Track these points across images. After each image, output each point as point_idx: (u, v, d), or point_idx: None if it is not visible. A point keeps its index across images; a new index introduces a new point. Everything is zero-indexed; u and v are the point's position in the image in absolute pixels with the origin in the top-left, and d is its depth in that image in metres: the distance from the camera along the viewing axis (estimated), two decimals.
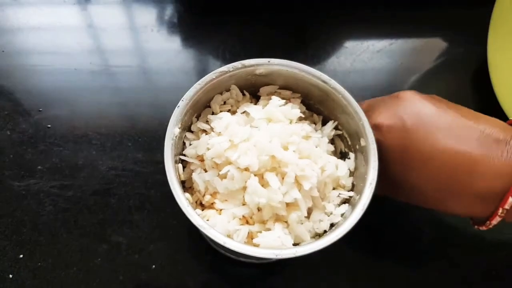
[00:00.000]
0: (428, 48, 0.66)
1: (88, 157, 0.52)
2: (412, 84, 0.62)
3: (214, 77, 0.39)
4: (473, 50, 0.64)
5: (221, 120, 0.39)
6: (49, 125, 0.54)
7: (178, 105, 0.37)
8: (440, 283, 0.49)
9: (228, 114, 0.40)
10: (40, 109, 0.55)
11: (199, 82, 0.38)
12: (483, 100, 0.61)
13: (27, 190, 0.50)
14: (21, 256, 0.47)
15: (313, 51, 0.63)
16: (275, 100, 0.40)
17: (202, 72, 0.39)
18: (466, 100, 0.61)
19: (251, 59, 0.39)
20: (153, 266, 0.47)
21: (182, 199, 0.34)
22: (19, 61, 0.59)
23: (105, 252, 0.47)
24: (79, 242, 0.48)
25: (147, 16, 0.64)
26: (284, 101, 0.41)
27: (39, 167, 0.51)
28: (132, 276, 0.47)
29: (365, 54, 0.63)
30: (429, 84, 0.63)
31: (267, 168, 0.36)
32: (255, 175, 0.36)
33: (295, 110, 0.40)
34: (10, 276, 0.46)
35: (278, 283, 0.48)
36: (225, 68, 0.39)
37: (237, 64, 0.39)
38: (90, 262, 0.47)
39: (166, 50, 0.61)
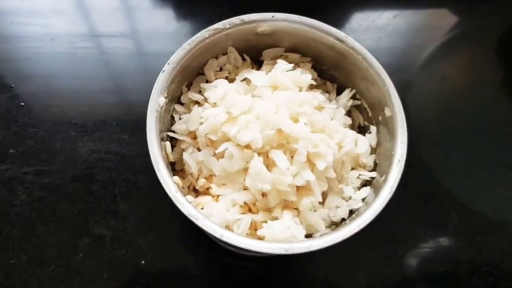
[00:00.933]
0: (445, 16, 0.60)
1: (66, 139, 0.46)
2: (431, 54, 0.56)
3: (207, 35, 0.32)
4: (493, 18, 0.58)
5: (217, 89, 0.33)
6: (22, 103, 0.48)
7: (163, 69, 0.31)
8: (466, 276, 0.44)
9: (225, 81, 0.34)
10: (12, 85, 0.49)
11: (189, 41, 0.32)
12: (510, 68, 0.55)
13: None
14: None
15: (322, 17, 0.55)
16: (282, 64, 0.34)
17: None
18: (492, 68, 0.56)
19: (251, 14, 0.33)
20: (142, 261, 0.42)
21: (170, 184, 0.28)
22: None
23: (87, 246, 0.42)
24: (57, 236, 0.42)
25: None
26: (292, 65, 0.34)
27: (11, 150, 0.46)
28: (118, 273, 0.41)
29: (380, 20, 0.56)
30: (449, 53, 0.57)
31: (273, 144, 0.31)
32: (258, 153, 0.31)
33: (305, 75, 0.34)
34: None
35: (285, 278, 0.43)
36: (220, 24, 0.33)
37: (235, 19, 0.33)
38: (70, 258, 0.42)
39: (156, 18, 0.55)
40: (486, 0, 0.59)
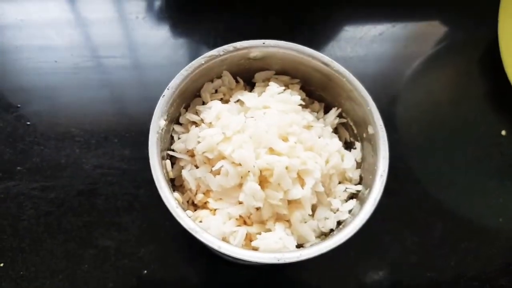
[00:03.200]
0: (431, 31, 0.62)
1: (71, 156, 0.48)
2: (417, 68, 0.58)
3: (203, 62, 0.35)
4: (478, 31, 0.60)
5: (211, 109, 0.35)
6: (28, 122, 0.50)
7: (163, 94, 0.33)
8: (452, 281, 0.46)
9: (218, 102, 0.36)
10: (19, 105, 0.51)
11: (186, 68, 0.34)
12: (493, 81, 0.57)
13: (6, 193, 0.46)
14: (2, 264, 0.43)
15: (310, 35, 0.58)
16: (273, 87, 0.36)
17: (192, 60, 0.35)
18: (476, 81, 0.58)
19: (243, 41, 0.36)
20: (145, 271, 0.44)
21: (171, 200, 0.31)
22: None
23: (92, 257, 0.44)
24: (64, 248, 0.44)
25: (132, 2, 0.59)
26: (283, 88, 0.37)
27: (18, 167, 0.48)
28: (122, 282, 0.43)
29: (366, 38, 0.59)
30: (435, 67, 0.59)
31: None
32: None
33: (295, 97, 0.36)
34: None
35: (280, 285, 0.45)
36: (215, 51, 0.35)
37: (229, 47, 0.35)
38: (76, 269, 0.43)
39: (154, 38, 0.57)
40: (471, 12, 0.62)
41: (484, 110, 0.56)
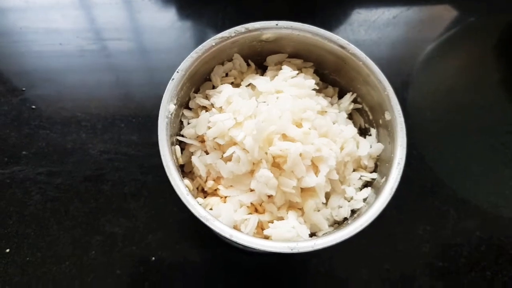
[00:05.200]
0: (446, 14, 0.60)
1: (77, 140, 0.47)
2: (431, 52, 0.57)
3: (213, 44, 0.33)
4: (493, 15, 0.59)
5: (221, 94, 0.34)
6: (33, 106, 0.49)
7: (172, 77, 0.32)
8: (465, 271, 0.45)
9: (229, 86, 0.35)
10: (23, 89, 0.50)
11: (196, 50, 0.33)
12: (509, 67, 0.55)
13: (11, 178, 0.45)
14: (8, 250, 0.43)
15: (322, 18, 0.57)
16: (287, 71, 0.35)
17: (200, 43, 0.33)
18: (491, 67, 0.56)
19: (255, 23, 0.34)
20: (153, 258, 0.43)
21: (181, 187, 0.30)
22: None
23: (99, 244, 0.43)
24: (70, 234, 0.44)
25: None
26: (297, 72, 0.35)
27: (24, 152, 0.47)
28: (129, 269, 0.43)
29: (380, 21, 0.57)
30: (449, 52, 0.57)
31: None
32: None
33: (308, 81, 0.35)
34: None
35: (290, 273, 0.44)
36: (226, 33, 0.34)
37: (240, 28, 0.34)
38: (83, 256, 0.43)
39: (160, 20, 0.56)
40: None
41: (500, 97, 0.54)
